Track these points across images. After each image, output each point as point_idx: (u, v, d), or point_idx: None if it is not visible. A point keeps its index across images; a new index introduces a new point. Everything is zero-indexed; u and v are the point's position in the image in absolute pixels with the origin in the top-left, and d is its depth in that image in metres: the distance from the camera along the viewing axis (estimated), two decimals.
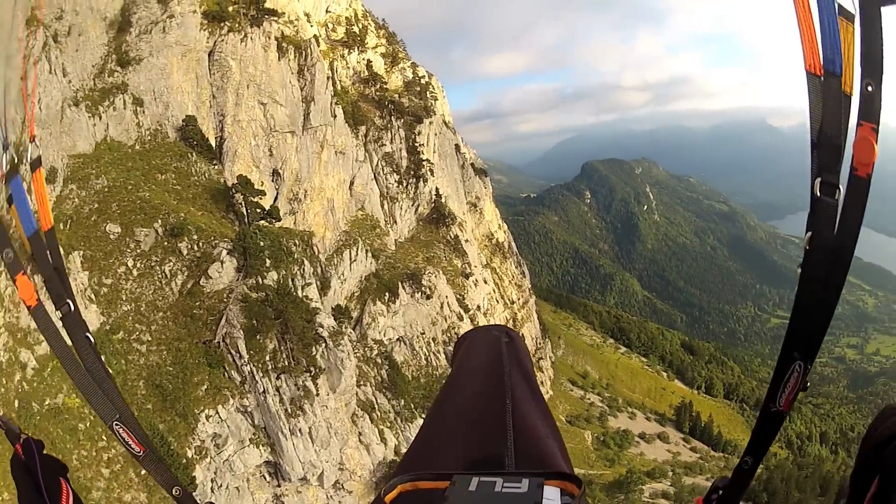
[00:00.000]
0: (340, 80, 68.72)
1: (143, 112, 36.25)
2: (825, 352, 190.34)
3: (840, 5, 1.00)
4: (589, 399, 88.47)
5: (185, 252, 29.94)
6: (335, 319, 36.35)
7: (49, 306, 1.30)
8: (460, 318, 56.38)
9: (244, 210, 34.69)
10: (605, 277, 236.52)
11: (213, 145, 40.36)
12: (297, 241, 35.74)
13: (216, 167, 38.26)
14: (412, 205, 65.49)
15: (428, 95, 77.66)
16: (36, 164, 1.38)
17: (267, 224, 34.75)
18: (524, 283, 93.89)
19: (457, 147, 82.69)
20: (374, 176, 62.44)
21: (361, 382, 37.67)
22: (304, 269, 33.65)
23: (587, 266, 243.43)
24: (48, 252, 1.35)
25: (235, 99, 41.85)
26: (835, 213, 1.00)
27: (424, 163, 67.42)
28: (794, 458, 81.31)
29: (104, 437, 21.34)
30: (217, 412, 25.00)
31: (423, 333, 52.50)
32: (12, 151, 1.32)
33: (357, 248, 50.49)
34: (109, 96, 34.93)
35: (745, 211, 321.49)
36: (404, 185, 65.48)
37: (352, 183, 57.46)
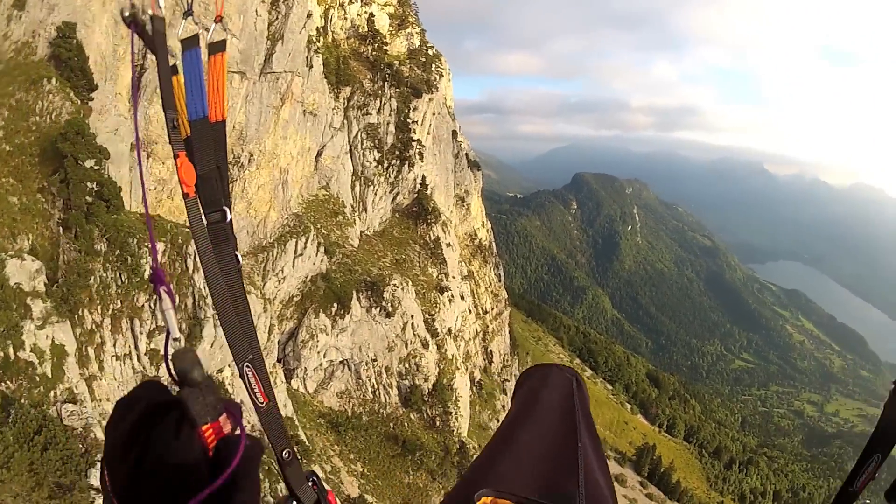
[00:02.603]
0: (333, 31, 57.07)
1: (20, 17, 24.44)
2: (784, 403, 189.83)
3: None
4: None
5: None
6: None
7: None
8: (425, 346, 45.71)
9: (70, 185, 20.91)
10: (578, 290, 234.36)
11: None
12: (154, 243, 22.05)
13: (85, 104, 25.24)
14: (390, 191, 54.54)
15: (433, 69, 66.32)
16: (217, 47, 1.16)
17: (107, 210, 21.14)
18: (501, 292, 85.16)
19: (454, 134, 71.85)
20: (350, 149, 51.27)
21: None
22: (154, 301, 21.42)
23: (561, 275, 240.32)
24: (215, 144, 1.11)
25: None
26: None
27: (414, 143, 56.40)
28: None
29: None
30: None
31: (375, 360, 42.00)
32: (196, 20, 1.11)
33: (307, 239, 39.63)
34: None
35: (726, 249, 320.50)
36: (385, 165, 54.42)
37: (319, 153, 46.22)
